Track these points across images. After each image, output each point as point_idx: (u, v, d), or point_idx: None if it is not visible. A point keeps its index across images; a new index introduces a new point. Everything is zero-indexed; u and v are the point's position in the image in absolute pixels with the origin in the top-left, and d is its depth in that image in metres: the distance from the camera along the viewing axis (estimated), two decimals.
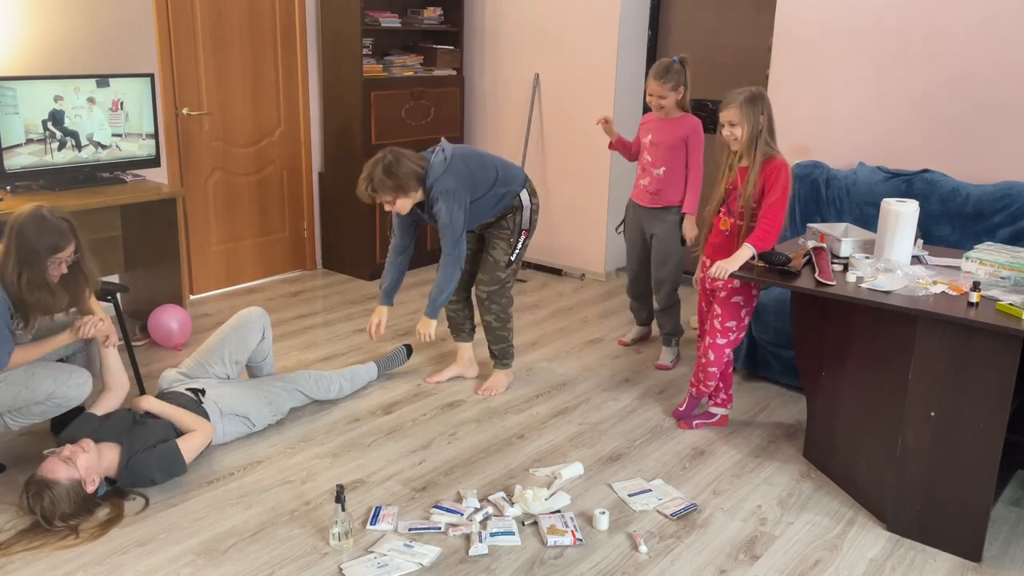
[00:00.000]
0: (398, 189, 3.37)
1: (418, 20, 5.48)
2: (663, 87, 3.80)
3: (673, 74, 3.79)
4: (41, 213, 2.81)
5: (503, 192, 3.57)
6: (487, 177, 3.52)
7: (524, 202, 3.65)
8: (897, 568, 2.62)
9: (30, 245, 2.75)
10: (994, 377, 2.50)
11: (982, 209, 3.73)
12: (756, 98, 3.06)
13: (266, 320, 3.54)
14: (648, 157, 3.99)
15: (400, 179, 3.34)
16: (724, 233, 3.27)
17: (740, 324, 3.29)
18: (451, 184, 3.40)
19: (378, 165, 3.35)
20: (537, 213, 3.73)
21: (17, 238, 2.75)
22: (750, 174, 3.09)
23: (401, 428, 3.44)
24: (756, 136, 3.07)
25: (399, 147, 3.46)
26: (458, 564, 2.58)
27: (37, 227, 2.78)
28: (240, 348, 3.43)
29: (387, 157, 3.36)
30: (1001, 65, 3.83)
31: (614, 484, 3.05)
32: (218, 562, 2.56)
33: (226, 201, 5.05)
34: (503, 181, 3.57)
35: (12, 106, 3.75)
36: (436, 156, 3.46)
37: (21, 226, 2.76)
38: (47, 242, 2.78)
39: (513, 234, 3.66)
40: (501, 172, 3.58)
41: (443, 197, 3.39)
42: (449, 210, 3.40)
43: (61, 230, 2.83)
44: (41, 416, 2.96)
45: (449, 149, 3.49)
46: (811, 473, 3.17)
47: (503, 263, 3.67)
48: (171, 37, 4.59)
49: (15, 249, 2.75)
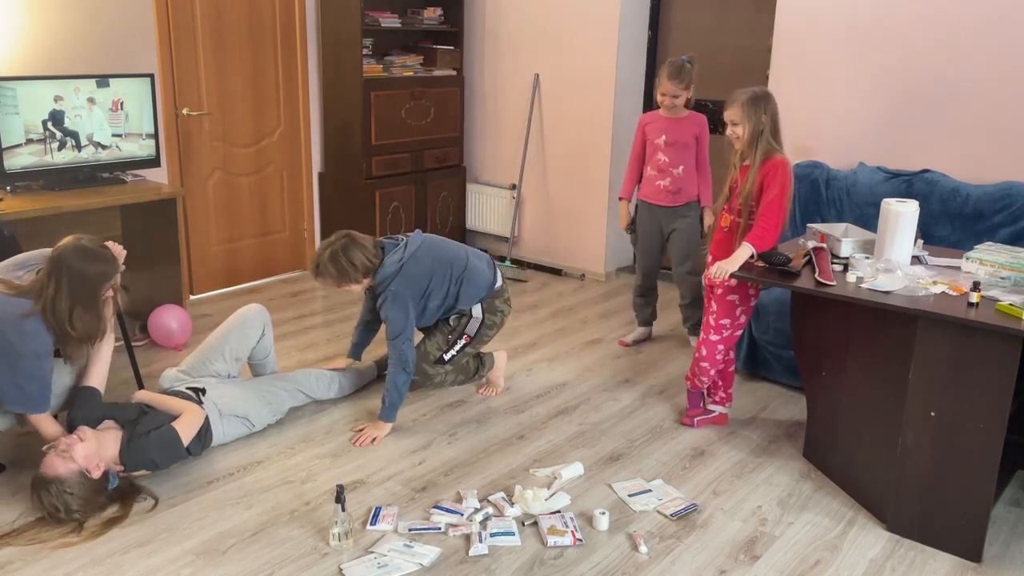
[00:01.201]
0: (340, 277, 3.32)
1: (418, 20, 5.48)
2: (678, 87, 3.90)
3: (686, 73, 3.89)
4: (83, 244, 2.78)
5: (454, 304, 3.48)
6: (444, 282, 3.42)
7: (475, 314, 3.54)
8: (897, 568, 2.62)
9: (84, 277, 2.73)
10: (994, 377, 2.50)
11: (982, 209, 3.73)
12: (759, 98, 3.07)
13: (266, 316, 3.54)
14: (664, 158, 4.05)
15: (343, 269, 3.28)
16: (724, 230, 3.28)
17: (735, 322, 3.30)
18: (398, 288, 3.32)
19: (327, 252, 3.30)
20: (492, 329, 3.59)
21: (68, 272, 2.71)
22: (750, 172, 3.10)
23: (401, 428, 3.44)
24: (758, 135, 3.08)
25: (356, 234, 3.34)
26: (458, 564, 2.58)
27: (86, 258, 2.76)
28: (241, 344, 3.44)
29: (339, 242, 3.30)
30: (1001, 65, 3.83)
31: (614, 484, 3.05)
32: (218, 562, 2.56)
33: (226, 201, 5.05)
34: (464, 295, 3.47)
35: (12, 106, 3.75)
36: (393, 254, 3.36)
37: (69, 260, 2.72)
38: (100, 270, 2.78)
39: (454, 333, 3.55)
40: (465, 283, 3.46)
41: (388, 299, 3.32)
42: (395, 314, 3.31)
43: (108, 258, 2.83)
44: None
45: (412, 246, 3.39)
46: (811, 473, 3.17)
47: (432, 358, 3.55)
48: (171, 37, 4.59)
49: (67, 282, 2.70)
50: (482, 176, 5.99)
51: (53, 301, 2.69)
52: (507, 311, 3.65)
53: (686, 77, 3.89)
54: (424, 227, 5.66)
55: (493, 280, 3.58)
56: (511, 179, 5.80)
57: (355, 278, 3.34)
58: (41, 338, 2.71)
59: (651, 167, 4.12)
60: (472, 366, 3.75)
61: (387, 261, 3.35)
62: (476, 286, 3.51)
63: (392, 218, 5.42)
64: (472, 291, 3.50)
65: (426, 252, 3.43)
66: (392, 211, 5.41)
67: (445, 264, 3.45)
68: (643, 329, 4.46)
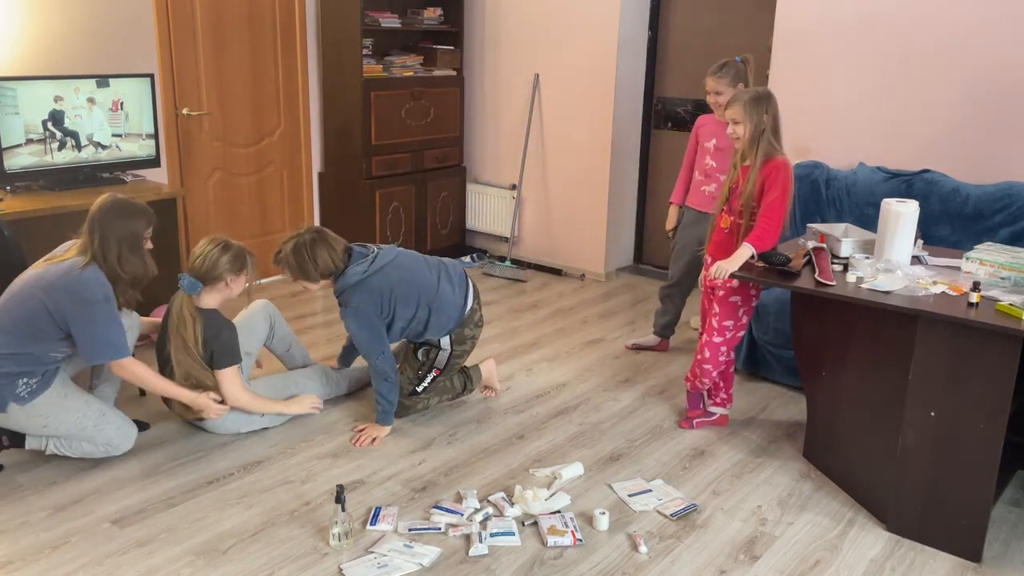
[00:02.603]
0: (297, 271, 3.20)
1: (418, 20, 5.48)
2: (719, 82, 3.70)
3: (730, 69, 3.70)
4: (118, 197, 2.99)
5: (422, 331, 3.34)
6: (411, 305, 3.26)
7: (443, 346, 3.40)
8: (897, 568, 2.62)
9: (126, 223, 2.92)
10: (994, 377, 2.50)
11: (982, 209, 3.73)
12: (761, 98, 3.07)
13: (271, 309, 3.55)
14: (712, 162, 3.88)
15: (304, 264, 3.16)
16: (724, 231, 3.27)
17: (737, 323, 3.29)
18: (357, 302, 3.17)
19: (292, 242, 3.18)
20: (463, 357, 3.45)
21: (111, 222, 2.90)
22: (750, 173, 3.10)
23: (401, 428, 3.43)
24: (759, 135, 3.07)
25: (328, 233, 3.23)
26: (458, 564, 2.58)
27: (126, 209, 2.96)
28: (248, 339, 3.43)
29: (306, 237, 3.18)
30: (1001, 65, 3.83)
31: (614, 484, 3.05)
32: (218, 562, 2.56)
33: (226, 201, 5.06)
34: (433, 325, 3.32)
35: (12, 106, 3.75)
36: (359, 264, 3.20)
37: (110, 213, 2.92)
38: (139, 216, 2.97)
39: (424, 368, 3.44)
40: (434, 312, 3.29)
41: (350, 315, 3.20)
42: (360, 332, 3.21)
43: (144, 207, 3.03)
44: (80, 454, 3.01)
45: (381, 260, 3.23)
46: (811, 473, 3.17)
47: (406, 391, 3.44)
48: (171, 37, 4.59)
49: (112, 231, 2.89)
50: (482, 176, 5.99)
51: (102, 250, 2.88)
52: (478, 334, 3.50)
53: (728, 73, 3.67)
54: (424, 227, 5.67)
55: (464, 305, 3.40)
56: (511, 179, 5.80)
57: (313, 277, 3.19)
58: (103, 281, 2.87)
59: (699, 171, 3.96)
60: (458, 384, 3.58)
61: (350, 270, 3.19)
62: (446, 316, 3.34)
63: (392, 218, 5.42)
64: (441, 321, 3.34)
65: (395, 270, 3.26)
66: (392, 211, 5.41)
67: (413, 288, 3.27)
68: (653, 337, 4.34)
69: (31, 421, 2.90)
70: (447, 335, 3.40)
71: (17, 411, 2.86)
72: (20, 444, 2.99)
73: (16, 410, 2.86)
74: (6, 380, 2.82)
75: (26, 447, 2.99)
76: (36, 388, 2.87)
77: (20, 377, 2.84)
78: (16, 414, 2.87)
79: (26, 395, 2.85)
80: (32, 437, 2.97)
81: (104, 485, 2.95)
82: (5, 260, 3.33)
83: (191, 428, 3.35)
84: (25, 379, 2.85)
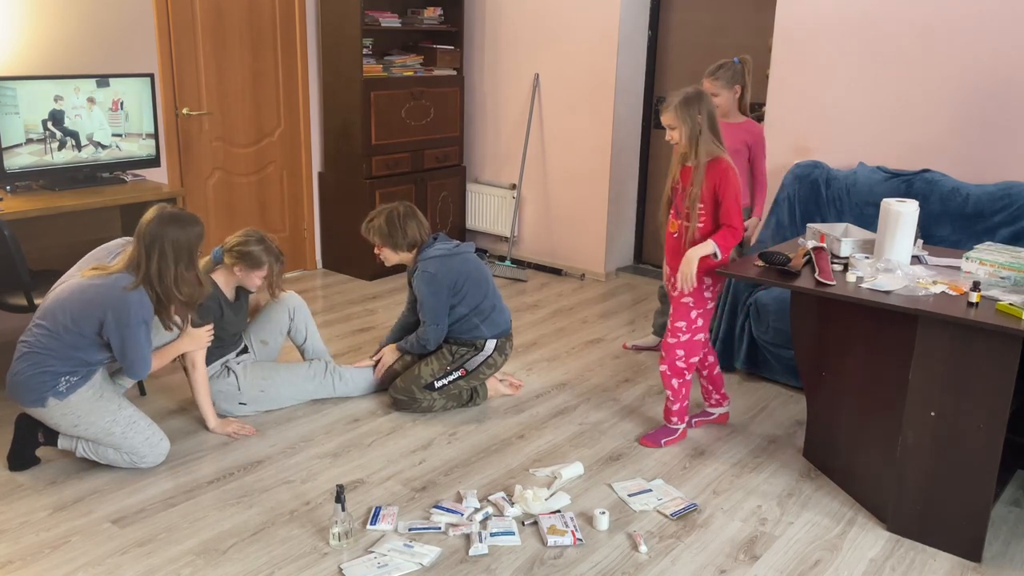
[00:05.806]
0: (388, 239, 3.44)
1: (418, 20, 5.48)
2: (715, 84, 3.70)
3: (726, 70, 3.70)
4: (169, 209, 2.90)
5: (478, 324, 3.48)
6: (479, 295, 3.46)
7: (486, 348, 3.51)
8: (897, 568, 2.63)
9: (181, 240, 2.84)
10: (994, 377, 2.50)
11: (982, 209, 3.73)
12: (692, 99, 3.04)
13: (294, 302, 3.63)
14: None
15: (395, 232, 3.41)
16: (674, 236, 3.22)
17: (691, 325, 3.21)
18: (435, 269, 3.37)
19: (385, 211, 3.42)
20: (491, 369, 3.55)
21: (166, 239, 2.81)
22: (695, 174, 3.07)
23: (401, 428, 3.44)
24: (696, 136, 3.04)
25: (417, 209, 3.49)
26: (458, 564, 2.58)
27: (180, 222, 2.87)
28: (263, 326, 3.55)
29: (399, 208, 3.43)
30: (1001, 65, 3.83)
31: (614, 484, 3.05)
32: (218, 562, 2.56)
33: (226, 201, 5.06)
34: (493, 321, 3.50)
35: (12, 106, 3.75)
36: (445, 243, 3.47)
37: (163, 227, 2.82)
38: (194, 231, 2.89)
39: (453, 364, 3.50)
40: (496, 311, 3.51)
41: (422, 277, 3.39)
42: (427, 291, 3.38)
43: (196, 218, 2.95)
44: (106, 461, 3.00)
45: (465, 249, 3.50)
46: (811, 473, 3.17)
47: (424, 382, 3.49)
48: (171, 37, 4.59)
49: (169, 248, 2.81)
50: (482, 176, 5.99)
51: (158, 270, 2.81)
52: (507, 359, 3.63)
53: (724, 74, 3.68)
54: None
55: (510, 320, 3.64)
56: (511, 179, 5.80)
57: (400, 245, 3.42)
58: (146, 305, 2.84)
59: None
60: (466, 395, 3.62)
61: (437, 245, 3.44)
62: (503, 318, 3.58)
63: None
64: (498, 320, 3.54)
65: (473, 261, 3.51)
66: None
67: (484, 282, 3.51)
68: (652, 337, 4.36)
69: (65, 419, 2.90)
70: (495, 339, 3.52)
71: (54, 407, 2.87)
72: (53, 443, 3.01)
73: (54, 405, 2.87)
74: (51, 377, 2.84)
75: (58, 446, 3.01)
76: (75, 384, 2.88)
77: (64, 375, 2.86)
78: (53, 410, 2.88)
79: (64, 390, 2.86)
80: (64, 437, 2.99)
81: (104, 485, 2.95)
82: (5, 260, 3.33)
83: (191, 428, 3.36)
84: (67, 376, 2.87)
